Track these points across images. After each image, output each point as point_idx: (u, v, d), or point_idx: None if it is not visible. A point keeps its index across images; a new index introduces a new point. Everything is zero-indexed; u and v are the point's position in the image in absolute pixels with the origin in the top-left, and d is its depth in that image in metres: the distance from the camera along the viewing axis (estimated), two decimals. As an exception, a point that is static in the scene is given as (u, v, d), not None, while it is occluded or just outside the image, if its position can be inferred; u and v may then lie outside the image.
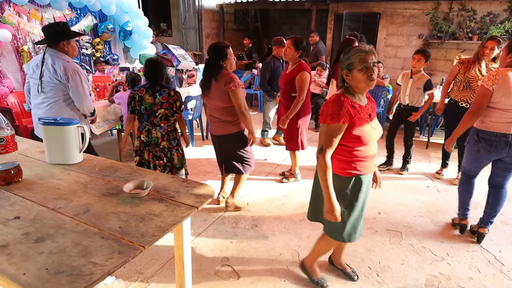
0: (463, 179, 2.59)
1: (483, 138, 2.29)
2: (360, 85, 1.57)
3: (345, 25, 6.66)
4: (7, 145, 1.32)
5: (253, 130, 2.61)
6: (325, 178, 1.59)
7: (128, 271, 2.11)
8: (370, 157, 1.68)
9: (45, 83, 2.43)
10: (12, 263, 0.91)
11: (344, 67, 1.58)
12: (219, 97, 2.47)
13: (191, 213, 1.23)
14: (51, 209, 1.19)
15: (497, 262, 2.31)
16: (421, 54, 3.37)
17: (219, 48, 2.47)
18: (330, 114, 1.55)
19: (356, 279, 2.10)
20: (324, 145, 1.59)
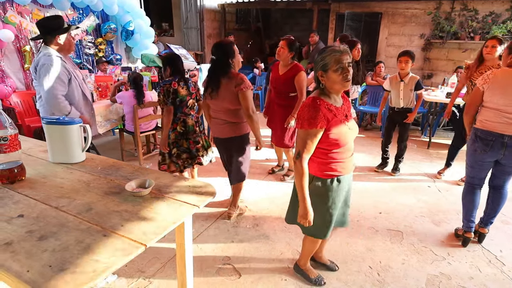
0: (466, 189, 2.50)
1: (479, 138, 2.27)
2: (336, 86, 1.56)
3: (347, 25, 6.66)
4: (11, 144, 1.33)
5: (260, 135, 2.51)
6: (301, 183, 1.59)
7: (130, 269, 2.13)
8: (348, 157, 1.70)
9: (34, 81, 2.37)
10: (16, 260, 0.92)
11: (319, 68, 1.56)
12: (228, 98, 2.36)
13: (193, 211, 1.25)
14: (54, 207, 1.21)
15: (498, 262, 2.31)
16: (407, 55, 3.38)
17: (226, 46, 2.36)
18: (307, 119, 1.53)
19: (337, 269, 2.17)
20: (301, 150, 1.57)
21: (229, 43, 2.39)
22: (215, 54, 2.37)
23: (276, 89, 3.25)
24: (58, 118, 1.58)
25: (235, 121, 2.47)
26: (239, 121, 2.48)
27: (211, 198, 1.35)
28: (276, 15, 10.81)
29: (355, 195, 3.25)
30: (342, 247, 2.42)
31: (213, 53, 2.38)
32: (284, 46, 3.04)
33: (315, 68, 1.59)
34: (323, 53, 1.56)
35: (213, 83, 2.38)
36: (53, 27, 2.28)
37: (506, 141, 2.16)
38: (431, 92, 4.82)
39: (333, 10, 7.03)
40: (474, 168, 2.38)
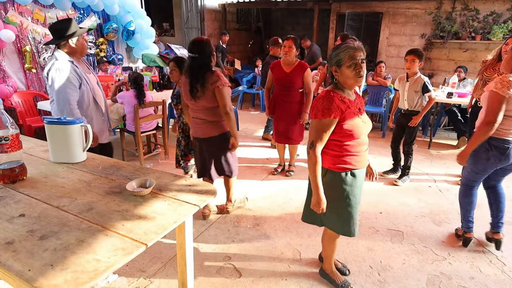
0: (463, 191, 2.46)
1: (495, 146, 2.16)
2: (349, 81, 1.60)
3: (347, 24, 6.66)
4: (12, 144, 1.34)
5: (236, 133, 2.45)
6: (314, 171, 1.62)
7: (131, 269, 2.13)
8: (362, 151, 1.71)
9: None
10: (18, 259, 0.93)
11: (333, 63, 1.61)
12: (204, 96, 2.31)
13: (193, 211, 1.25)
14: (56, 207, 1.21)
15: (498, 262, 2.31)
16: (413, 54, 3.18)
17: (206, 43, 2.28)
18: (321, 109, 1.57)
19: (348, 273, 2.13)
20: (314, 140, 1.61)
21: (207, 40, 2.32)
22: (195, 52, 2.25)
23: (284, 87, 3.32)
24: (59, 118, 1.58)
25: (214, 119, 2.41)
26: (218, 120, 2.42)
27: (212, 197, 1.35)
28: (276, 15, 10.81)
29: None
30: (343, 247, 2.42)
31: (193, 51, 2.26)
32: (292, 45, 3.16)
33: (330, 63, 1.63)
34: (338, 49, 1.60)
35: (200, 81, 2.27)
36: (64, 30, 2.24)
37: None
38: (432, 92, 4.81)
39: (334, 10, 7.02)
40: (479, 174, 2.33)
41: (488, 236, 2.50)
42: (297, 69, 3.24)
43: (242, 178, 3.59)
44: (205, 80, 2.27)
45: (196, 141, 2.59)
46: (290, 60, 3.23)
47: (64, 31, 2.24)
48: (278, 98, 3.40)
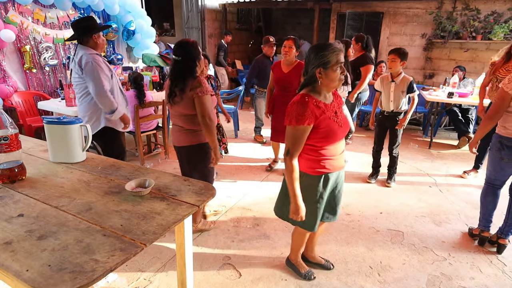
0: (486, 189, 2.43)
1: (506, 146, 2.16)
2: (332, 84, 1.58)
3: (348, 24, 6.65)
4: (11, 144, 1.34)
5: (216, 146, 2.21)
6: (291, 180, 1.61)
7: (130, 269, 2.13)
8: (338, 154, 1.71)
9: (73, 79, 2.48)
10: (16, 259, 0.92)
11: (317, 64, 1.54)
12: (183, 103, 2.12)
13: (192, 211, 1.24)
14: (54, 207, 1.21)
15: (499, 262, 2.30)
16: (393, 53, 3.03)
17: (192, 46, 2.10)
18: (295, 116, 1.53)
19: (332, 267, 2.17)
20: (290, 148, 1.59)
21: (194, 42, 2.13)
22: (179, 55, 2.09)
23: (282, 87, 3.33)
24: (59, 118, 1.58)
25: (192, 128, 2.22)
26: (196, 129, 2.22)
27: (211, 198, 1.35)
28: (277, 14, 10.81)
29: (356, 195, 3.25)
30: (343, 247, 2.41)
31: (177, 53, 2.10)
32: (292, 46, 3.19)
33: (313, 64, 1.55)
34: (324, 50, 1.53)
35: (179, 86, 2.10)
36: (90, 27, 2.42)
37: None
38: (433, 92, 4.81)
39: (335, 9, 7.02)
40: (498, 172, 2.32)
41: (492, 239, 2.44)
42: (295, 69, 3.25)
43: (242, 178, 3.59)
44: (185, 85, 2.08)
45: (175, 150, 2.40)
46: (290, 60, 3.25)
47: (89, 28, 2.42)
48: (277, 98, 3.43)
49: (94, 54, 2.43)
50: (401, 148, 4.32)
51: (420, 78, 6.41)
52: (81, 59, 2.39)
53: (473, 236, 2.55)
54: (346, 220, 2.78)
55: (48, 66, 4.50)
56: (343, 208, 2.97)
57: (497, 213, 2.48)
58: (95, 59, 2.40)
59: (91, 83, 2.41)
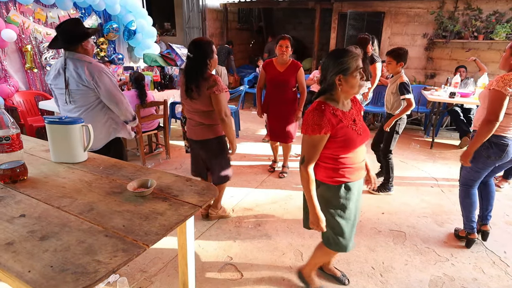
0: (464, 192, 2.44)
1: (494, 144, 2.17)
2: (352, 91, 1.52)
3: (349, 24, 6.64)
4: (13, 144, 1.33)
5: (234, 138, 2.39)
6: (308, 190, 1.55)
7: (132, 269, 2.12)
8: (358, 163, 1.62)
9: (73, 91, 2.14)
10: (18, 260, 0.92)
11: (337, 71, 1.47)
12: (200, 100, 2.24)
13: (195, 212, 1.24)
14: (56, 207, 1.20)
15: (502, 263, 2.29)
16: (388, 55, 2.93)
17: (206, 44, 2.22)
18: (311, 125, 1.48)
19: (347, 283, 2.05)
20: (306, 156, 1.53)
21: (208, 42, 2.25)
22: (193, 52, 2.21)
23: (277, 86, 3.30)
24: (61, 118, 1.57)
25: (209, 123, 2.35)
26: (213, 123, 2.35)
27: (213, 198, 1.34)
28: (278, 14, 10.80)
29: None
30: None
31: (191, 51, 2.23)
32: (288, 45, 3.16)
33: (332, 71, 1.49)
34: (343, 56, 1.48)
35: (194, 82, 2.21)
36: (81, 33, 2.14)
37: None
38: (434, 92, 4.79)
39: (336, 9, 7.00)
40: (479, 172, 2.32)
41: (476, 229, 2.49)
42: (291, 68, 3.24)
43: (244, 178, 3.58)
44: (199, 83, 2.19)
45: (191, 142, 2.54)
46: (285, 60, 3.22)
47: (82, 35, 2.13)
48: (271, 97, 3.38)
49: (96, 62, 2.20)
50: (403, 148, 4.31)
51: (421, 78, 6.40)
52: (89, 70, 2.10)
53: (459, 238, 2.54)
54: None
55: (49, 66, 4.50)
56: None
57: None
58: (102, 67, 2.18)
59: (110, 95, 2.16)
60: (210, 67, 2.25)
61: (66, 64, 2.10)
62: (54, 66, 2.20)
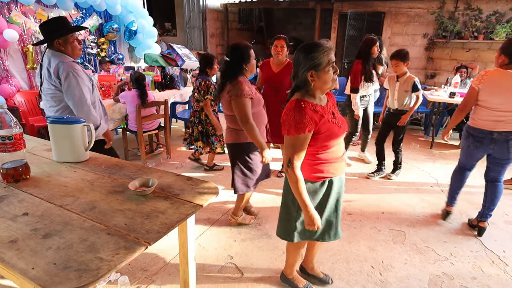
0: (457, 169, 2.70)
1: (471, 135, 2.44)
2: (325, 86, 1.48)
3: (350, 24, 6.65)
4: (16, 143, 1.34)
5: (261, 145, 2.21)
6: (298, 191, 1.50)
7: (133, 268, 2.14)
8: (339, 157, 1.60)
9: (44, 90, 2.11)
10: (21, 258, 0.93)
11: (308, 67, 1.43)
12: (223, 103, 2.29)
13: (196, 210, 1.25)
14: (59, 206, 1.22)
15: (501, 262, 2.30)
16: (395, 59, 3.19)
17: (243, 49, 2.23)
18: (294, 125, 1.43)
19: (331, 282, 2.05)
20: (291, 157, 1.47)
21: (246, 46, 2.25)
22: (229, 56, 2.24)
23: (273, 87, 3.24)
24: (62, 117, 1.59)
25: (234, 127, 2.33)
26: (237, 128, 2.30)
27: (214, 197, 1.36)
28: (278, 14, 10.81)
29: (358, 195, 3.25)
30: (344, 247, 2.42)
31: (227, 55, 2.26)
32: (284, 45, 3.11)
33: (303, 67, 1.45)
34: (313, 51, 1.42)
35: (220, 86, 2.28)
36: (60, 28, 2.08)
37: (495, 137, 2.34)
38: (434, 92, 4.80)
39: (336, 9, 7.01)
40: (466, 158, 2.60)
41: (473, 223, 2.67)
42: (286, 68, 3.16)
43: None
44: (224, 86, 2.22)
45: None
46: (280, 60, 3.17)
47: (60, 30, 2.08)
48: (268, 98, 3.24)
49: (71, 62, 2.09)
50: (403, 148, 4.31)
51: (421, 78, 6.40)
52: (57, 69, 2.04)
53: (473, 227, 2.68)
54: (348, 220, 2.78)
55: (51, 66, 4.52)
56: (344, 208, 2.98)
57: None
58: (74, 68, 2.06)
59: (71, 98, 2.08)
60: (246, 72, 2.25)
61: (42, 61, 2.09)
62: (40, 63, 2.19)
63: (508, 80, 2.23)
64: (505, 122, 2.28)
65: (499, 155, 2.40)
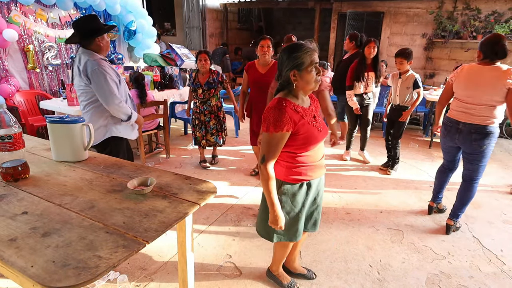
0: (440, 168, 2.81)
1: (444, 123, 2.57)
2: (308, 87, 1.49)
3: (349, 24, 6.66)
4: (15, 143, 1.35)
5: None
6: (268, 189, 1.51)
7: (132, 267, 2.15)
8: (317, 160, 1.61)
9: (78, 86, 2.24)
10: (21, 256, 0.94)
11: (292, 66, 1.45)
12: None
13: (194, 209, 1.26)
14: (58, 204, 1.22)
15: (498, 261, 2.31)
16: (400, 57, 3.39)
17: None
18: (273, 122, 1.44)
19: (315, 277, 2.10)
20: (266, 155, 1.48)
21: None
22: None
23: (260, 88, 3.12)
24: (62, 117, 1.60)
25: None
26: None
27: (212, 196, 1.37)
28: (278, 14, 10.82)
29: (356, 194, 3.26)
30: (342, 246, 2.43)
31: None
32: (270, 45, 3.06)
33: (286, 66, 1.46)
34: (296, 51, 1.44)
35: None
36: (94, 29, 2.18)
37: (460, 127, 2.41)
38: (433, 92, 4.82)
39: (335, 9, 7.02)
40: (444, 151, 2.71)
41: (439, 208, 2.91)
42: (273, 69, 3.08)
43: (243, 177, 3.61)
44: None
45: None
46: (267, 60, 3.10)
47: (94, 30, 2.18)
48: (254, 100, 3.23)
49: (99, 59, 2.21)
50: (402, 147, 4.33)
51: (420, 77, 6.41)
52: (86, 67, 2.16)
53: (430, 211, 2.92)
54: (346, 219, 2.79)
55: (51, 66, 4.52)
56: (343, 207, 2.99)
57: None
58: (101, 65, 2.18)
59: (102, 93, 2.19)
60: None
61: (77, 59, 2.20)
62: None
63: (477, 74, 2.33)
64: (470, 115, 2.35)
65: (464, 148, 2.45)
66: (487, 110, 2.30)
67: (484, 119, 2.32)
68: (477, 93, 2.32)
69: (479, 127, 2.33)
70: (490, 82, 2.26)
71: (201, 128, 3.72)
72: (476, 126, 2.33)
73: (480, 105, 2.31)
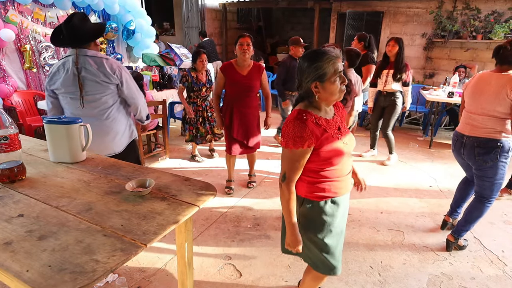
0: (463, 179, 2.62)
1: (452, 137, 2.45)
2: (332, 98, 1.34)
3: (348, 24, 6.65)
4: (11, 144, 1.33)
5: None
6: (288, 208, 1.40)
7: (131, 269, 2.13)
8: (344, 175, 1.45)
9: (91, 92, 1.94)
10: (16, 260, 0.92)
11: (313, 78, 1.31)
12: None
13: (193, 211, 1.24)
14: (54, 207, 1.20)
15: (500, 262, 2.30)
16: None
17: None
18: (292, 138, 1.30)
19: None
20: (287, 172, 1.36)
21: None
22: None
23: (242, 91, 2.94)
24: (59, 117, 1.57)
25: None
26: None
27: (212, 197, 1.34)
28: (277, 14, 10.80)
29: (356, 195, 3.24)
30: (343, 247, 2.41)
31: None
32: (250, 43, 2.81)
33: (307, 77, 1.32)
34: (317, 60, 1.30)
35: None
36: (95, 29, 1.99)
37: (465, 141, 2.26)
38: (433, 92, 4.80)
39: (335, 9, 7.01)
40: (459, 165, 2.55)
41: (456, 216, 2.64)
42: (254, 71, 2.91)
43: (243, 177, 3.59)
44: None
45: None
46: (247, 59, 2.85)
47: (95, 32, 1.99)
48: (234, 104, 2.96)
49: (111, 58, 2.04)
50: (402, 148, 4.33)
51: (420, 77, 6.41)
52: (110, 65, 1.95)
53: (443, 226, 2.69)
54: (346, 220, 2.77)
55: (48, 66, 4.49)
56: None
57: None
58: (119, 63, 2.02)
59: (132, 92, 2.05)
60: None
61: (78, 63, 1.88)
62: (59, 69, 1.93)
63: (485, 81, 2.15)
64: (475, 127, 2.18)
65: (470, 163, 2.28)
66: (491, 121, 2.10)
67: (488, 131, 2.11)
68: (479, 102, 2.15)
69: (482, 140, 2.13)
70: (494, 90, 2.07)
71: (205, 124, 3.89)
72: (479, 139, 2.14)
73: (482, 115, 2.13)
